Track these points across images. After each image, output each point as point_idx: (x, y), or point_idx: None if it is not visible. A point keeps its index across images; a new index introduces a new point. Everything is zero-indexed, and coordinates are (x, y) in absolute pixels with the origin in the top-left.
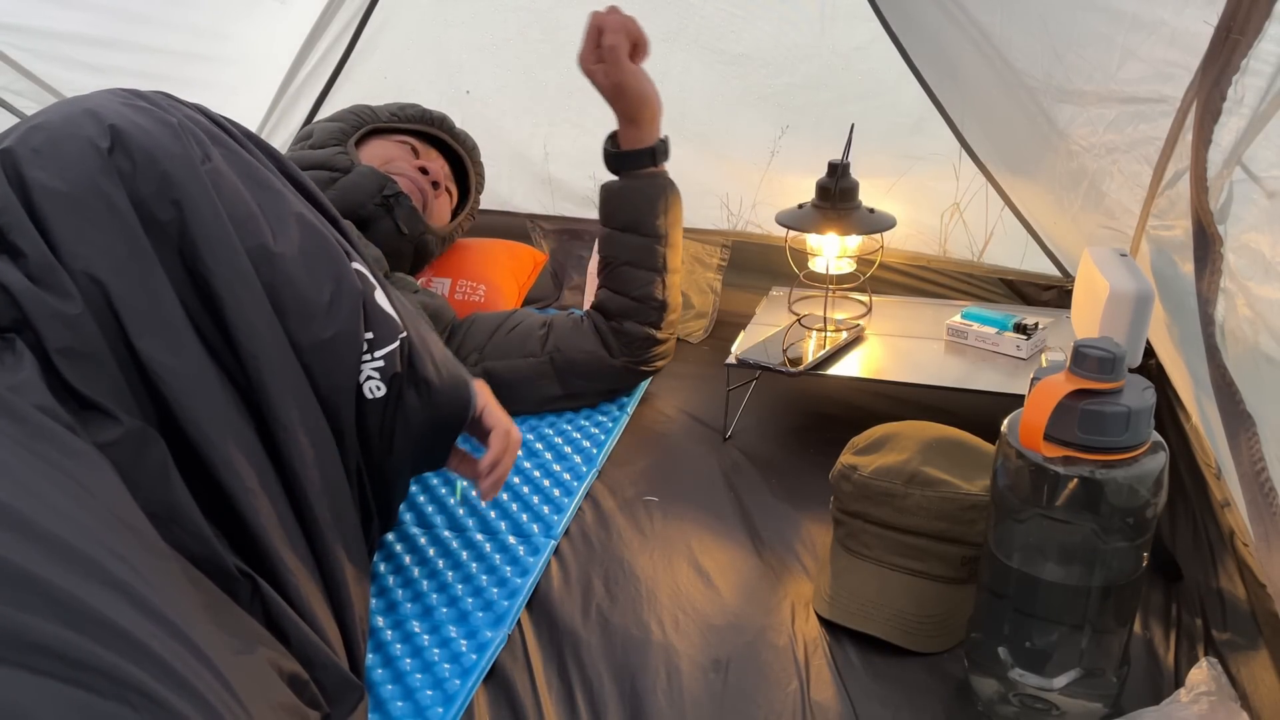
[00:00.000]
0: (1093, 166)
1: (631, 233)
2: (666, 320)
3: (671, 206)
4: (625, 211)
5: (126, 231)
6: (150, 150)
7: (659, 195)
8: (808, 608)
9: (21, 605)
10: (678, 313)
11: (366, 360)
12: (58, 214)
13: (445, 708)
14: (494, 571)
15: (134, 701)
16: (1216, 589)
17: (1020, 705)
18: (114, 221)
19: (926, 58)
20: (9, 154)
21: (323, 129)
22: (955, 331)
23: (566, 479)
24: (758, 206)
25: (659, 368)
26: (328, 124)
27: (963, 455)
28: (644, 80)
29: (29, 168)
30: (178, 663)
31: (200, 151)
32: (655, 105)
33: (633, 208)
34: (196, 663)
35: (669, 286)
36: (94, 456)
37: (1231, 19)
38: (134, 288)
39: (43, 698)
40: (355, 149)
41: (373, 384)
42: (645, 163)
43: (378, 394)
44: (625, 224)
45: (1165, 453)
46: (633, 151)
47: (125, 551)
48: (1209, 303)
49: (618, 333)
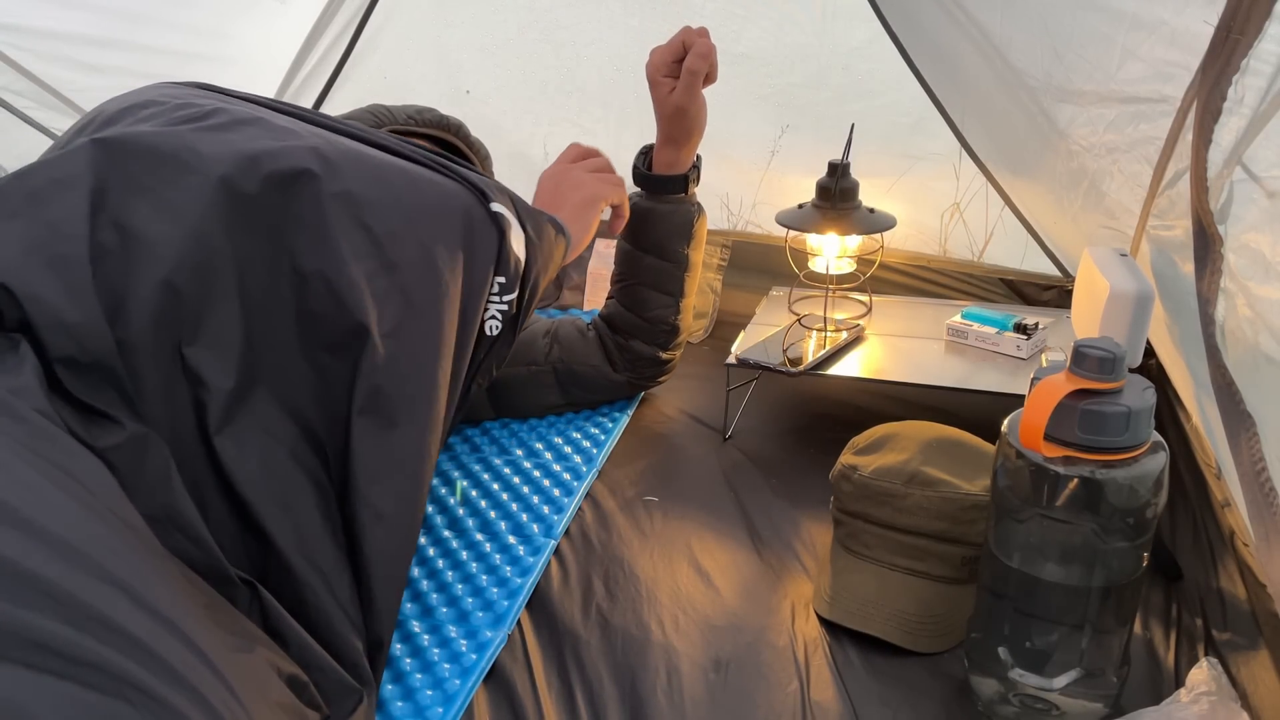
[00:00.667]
0: (1093, 166)
1: (654, 255)
2: (675, 343)
3: (698, 233)
4: (652, 234)
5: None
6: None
7: (689, 223)
8: (808, 608)
9: (21, 602)
10: (687, 334)
11: (493, 300)
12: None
13: (445, 707)
14: (494, 571)
15: (133, 698)
16: (1216, 589)
17: (1020, 705)
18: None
19: (926, 58)
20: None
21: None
22: (955, 331)
23: (566, 479)
24: (758, 206)
25: (661, 383)
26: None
27: (963, 455)
28: (704, 111)
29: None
30: (177, 660)
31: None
32: (701, 134)
33: (661, 232)
34: (196, 661)
35: (683, 311)
36: (94, 458)
37: (1231, 19)
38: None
39: (41, 694)
40: None
41: (493, 323)
42: (680, 188)
43: (493, 333)
44: (650, 246)
45: (1165, 453)
46: (670, 177)
47: (126, 550)
48: (1209, 303)
49: (623, 349)
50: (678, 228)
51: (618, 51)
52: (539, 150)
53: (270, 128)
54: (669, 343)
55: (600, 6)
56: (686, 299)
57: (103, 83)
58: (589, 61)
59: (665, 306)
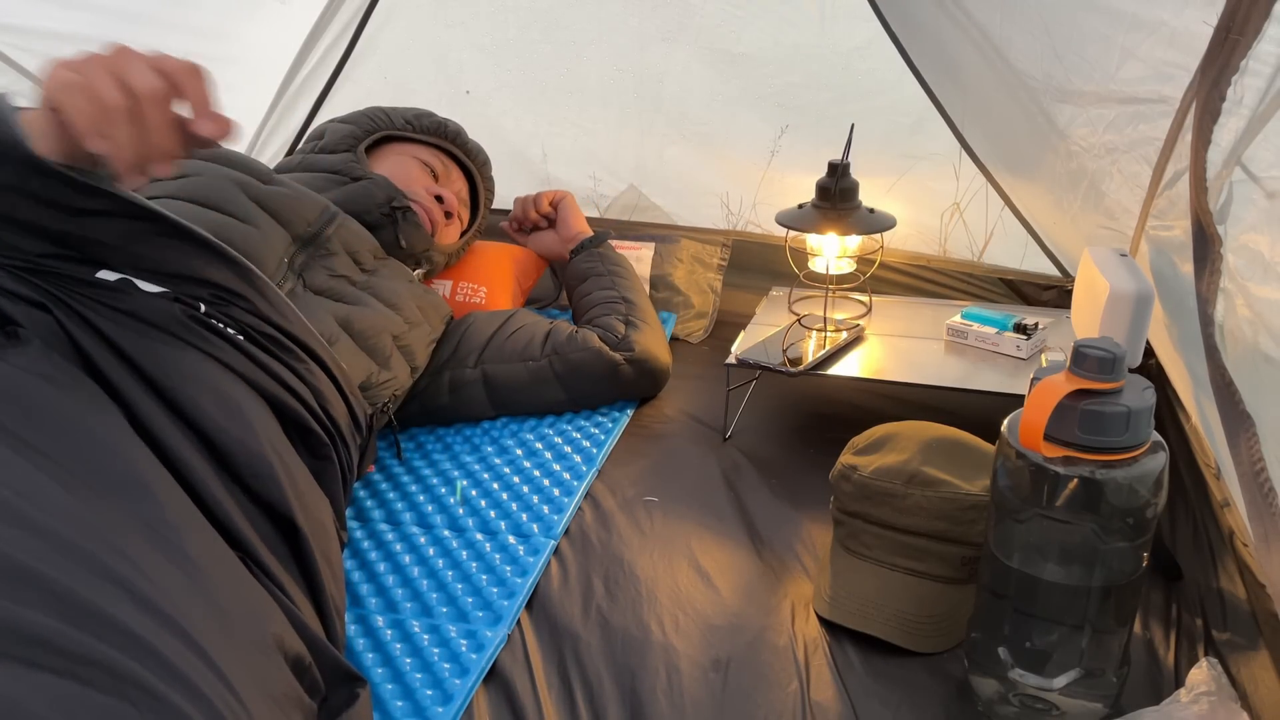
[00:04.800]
0: (1092, 167)
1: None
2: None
3: (605, 254)
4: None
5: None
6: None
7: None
8: (808, 608)
9: (19, 599)
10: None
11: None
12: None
13: (445, 707)
14: (493, 571)
15: (132, 697)
16: (1216, 589)
17: (1020, 705)
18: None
19: (926, 58)
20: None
21: (335, 131)
22: (955, 331)
23: (566, 478)
24: (758, 206)
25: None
26: (340, 126)
27: (963, 455)
28: (542, 238)
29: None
30: (177, 659)
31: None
32: (552, 253)
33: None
34: (196, 659)
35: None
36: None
37: (1231, 19)
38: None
39: (39, 692)
40: (366, 155)
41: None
42: (593, 245)
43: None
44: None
45: (1165, 453)
46: (576, 250)
47: (125, 546)
48: (1208, 303)
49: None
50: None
51: (618, 51)
52: (538, 150)
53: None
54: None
55: (600, 6)
56: (623, 279)
57: None
58: (589, 61)
59: (605, 288)
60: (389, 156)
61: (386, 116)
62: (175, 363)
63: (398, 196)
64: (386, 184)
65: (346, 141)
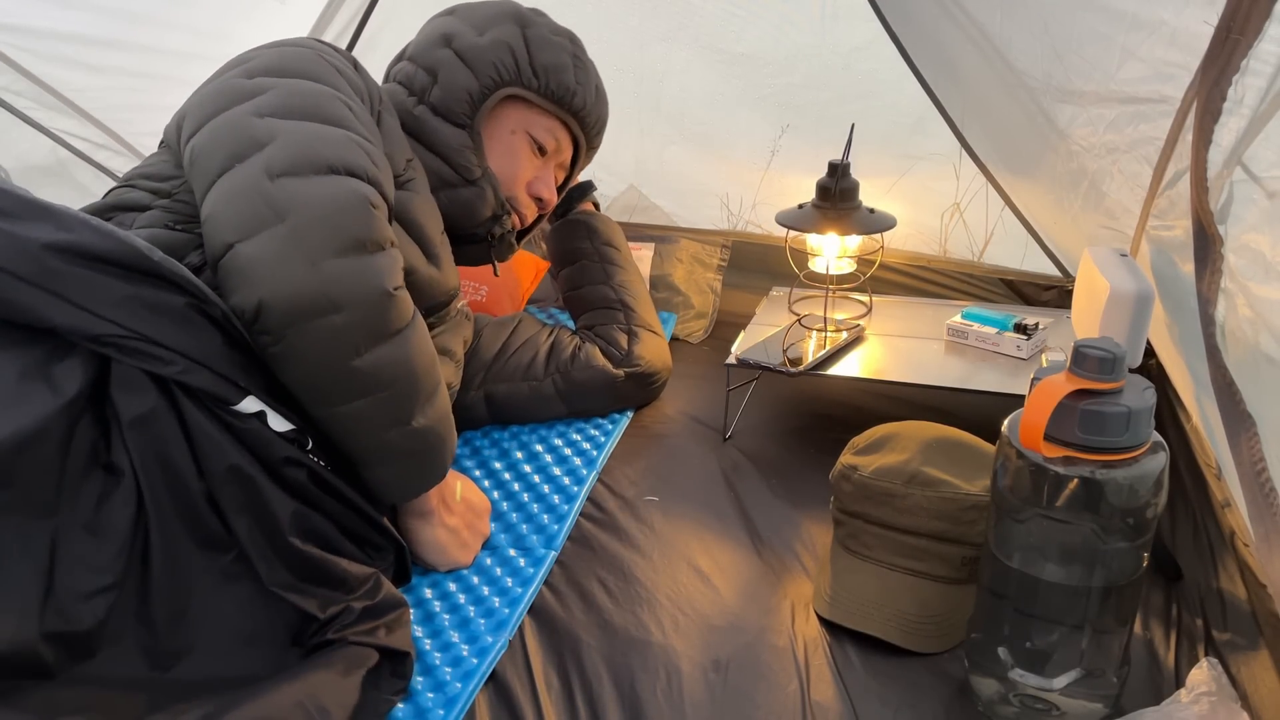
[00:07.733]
0: (1093, 166)
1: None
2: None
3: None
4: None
5: None
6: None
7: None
8: (808, 608)
9: None
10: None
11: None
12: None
13: (446, 710)
14: (495, 583)
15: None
16: (1216, 589)
17: (1020, 705)
18: None
19: (926, 58)
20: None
21: (452, 75)
22: (955, 331)
23: (566, 483)
24: (758, 206)
25: (656, 375)
26: (458, 65)
27: (963, 455)
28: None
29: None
30: None
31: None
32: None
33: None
34: None
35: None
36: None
37: (1231, 19)
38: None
39: None
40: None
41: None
42: (577, 198)
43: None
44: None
45: (1165, 453)
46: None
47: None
48: (1209, 303)
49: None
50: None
51: (618, 51)
52: None
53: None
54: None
55: (600, 6)
56: (621, 270)
57: (103, 83)
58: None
59: (599, 282)
60: (503, 125)
61: (515, 64)
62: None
63: (504, 213)
64: (495, 198)
65: (464, 104)
